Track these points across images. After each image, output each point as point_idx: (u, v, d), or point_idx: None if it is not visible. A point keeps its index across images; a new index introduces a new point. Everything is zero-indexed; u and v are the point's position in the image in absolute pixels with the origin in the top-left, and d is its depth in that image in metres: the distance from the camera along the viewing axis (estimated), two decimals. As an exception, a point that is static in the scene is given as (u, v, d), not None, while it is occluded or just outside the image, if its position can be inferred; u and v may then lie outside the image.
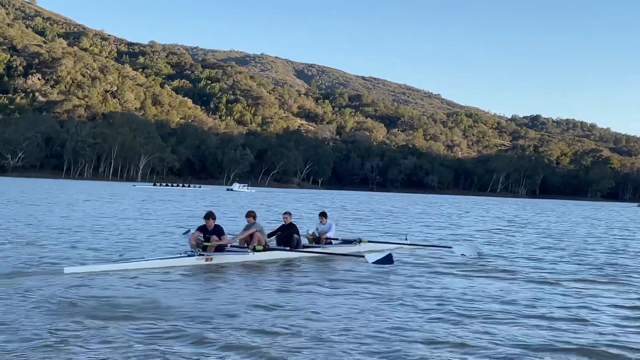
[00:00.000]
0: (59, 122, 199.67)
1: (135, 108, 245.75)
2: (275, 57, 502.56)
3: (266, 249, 16.52)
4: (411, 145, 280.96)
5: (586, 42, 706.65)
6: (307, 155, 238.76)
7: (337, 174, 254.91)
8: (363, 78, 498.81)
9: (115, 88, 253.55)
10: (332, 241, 19.09)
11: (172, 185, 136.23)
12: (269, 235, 17.72)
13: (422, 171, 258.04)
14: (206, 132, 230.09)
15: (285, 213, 18.41)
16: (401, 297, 11.88)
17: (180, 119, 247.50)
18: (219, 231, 15.99)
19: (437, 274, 15.23)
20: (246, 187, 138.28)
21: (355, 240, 19.54)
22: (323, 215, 19.46)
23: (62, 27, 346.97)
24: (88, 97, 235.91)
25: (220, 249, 15.94)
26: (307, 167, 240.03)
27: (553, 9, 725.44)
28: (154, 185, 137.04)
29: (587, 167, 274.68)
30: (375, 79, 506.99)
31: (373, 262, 15.65)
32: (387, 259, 15.66)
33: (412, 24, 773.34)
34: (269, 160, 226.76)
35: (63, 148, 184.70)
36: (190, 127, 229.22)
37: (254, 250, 16.19)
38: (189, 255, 15.21)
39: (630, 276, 16.35)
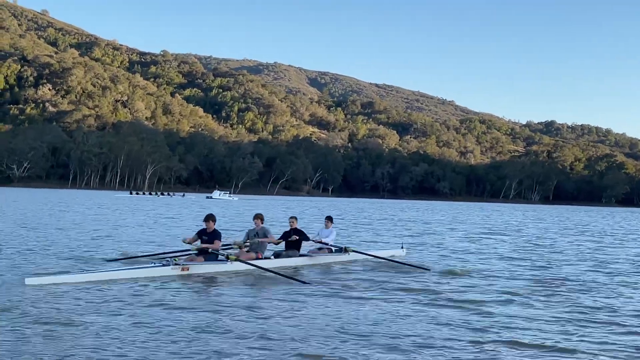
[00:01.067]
0: (67, 132, 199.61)
1: (146, 117, 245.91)
2: (289, 65, 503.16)
3: (241, 260, 15.51)
4: (422, 152, 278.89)
5: (603, 47, 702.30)
6: (317, 163, 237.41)
7: (347, 181, 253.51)
8: (376, 85, 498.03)
9: (125, 98, 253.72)
10: (326, 249, 18.66)
11: (150, 194, 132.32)
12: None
13: (433, 178, 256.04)
14: (214, 141, 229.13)
15: (291, 217, 18.28)
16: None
17: (189, 127, 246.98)
18: (216, 235, 15.53)
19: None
20: (227, 195, 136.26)
21: (342, 248, 18.92)
22: (329, 219, 19.32)
23: (74, 38, 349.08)
24: (98, 107, 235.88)
25: (206, 254, 15.36)
26: (318, 175, 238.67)
27: (568, 14, 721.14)
28: (131, 194, 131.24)
29: (602, 173, 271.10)
30: (388, 86, 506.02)
31: None
32: None
33: (425, 31, 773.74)
34: (277, 168, 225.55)
35: (69, 158, 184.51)
36: (198, 136, 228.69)
37: (232, 259, 15.31)
38: (163, 265, 14.48)
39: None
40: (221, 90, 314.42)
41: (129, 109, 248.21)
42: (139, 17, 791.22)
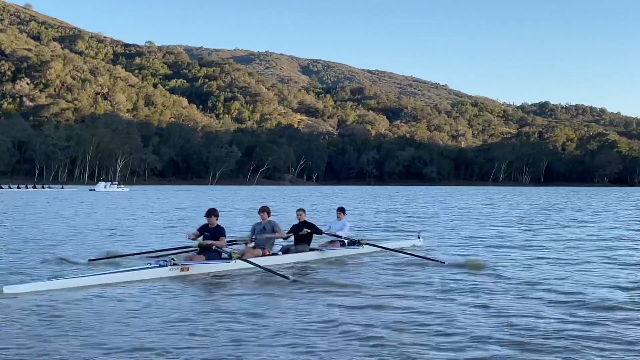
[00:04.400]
0: (38, 126, 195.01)
1: (127, 109, 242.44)
2: (280, 54, 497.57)
3: (245, 259, 14.27)
4: (409, 136, 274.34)
5: (596, 26, 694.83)
6: (300, 150, 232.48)
7: (333, 168, 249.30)
8: (369, 72, 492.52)
9: (106, 90, 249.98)
10: (339, 242, 17.50)
11: (19, 187, 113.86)
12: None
13: (420, 162, 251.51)
14: (191, 131, 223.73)
15: (299, 210, 17.06)
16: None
17: (170, 118, 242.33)
18: (219, 231, 14.47)
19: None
20: (116, 186, 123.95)
21: (355, 241, 17.55)
22: (341, 210, 18.05)
23: (58, 31, 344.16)
24: (77, 100, 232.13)
25: (208, 251, 14.26)
26: (301, 163, 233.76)
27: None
28: None
29: (593, 152, 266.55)
30: (381, 72, 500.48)
31: None
32: None
33: (417, 16, 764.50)
34: (257, 157, 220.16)
35: (35, 152, 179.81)
36: (175, 127, 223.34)
37: (236, 257, 14.11)
38: (160, 266, 13.22)
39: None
40: (207, 80, 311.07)
41: (110, 101, 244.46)
42: (127, 9, 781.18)
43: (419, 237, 20.08)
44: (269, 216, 15.78)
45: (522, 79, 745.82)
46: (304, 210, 16.92)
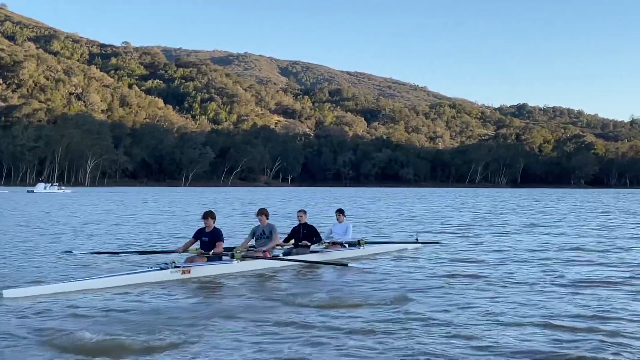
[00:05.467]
0: (8, 127, 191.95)
1: (102, 110, 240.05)
2: (260, 55, 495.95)
3: (253, 257, 14.51)
4: (385, 138, 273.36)
5: (575, 28, 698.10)
6: (275, 152, 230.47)
7: (309, 170, 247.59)
8: (348, 73, 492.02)
9: (80, 90, 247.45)
10: (340, 245, 16.92)
11: None
12: (286, 240, 16.15)
13: (397, 164, 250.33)
14: (164, 132, 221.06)
15: (300, 211, 16.65)
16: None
17: (145, 119, 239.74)
18: (217, 235, 14.05)
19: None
20: (57, 187, 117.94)
21: (355, 242, 17.33)
22: (340, 212, 17.52)
23: (33, 31, 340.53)
24: (50, 101, 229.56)
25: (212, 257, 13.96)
26: (277, 164, 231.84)
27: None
28: None
29: (570, 154, 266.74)
30: (360, 73, 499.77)
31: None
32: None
33: (397, 17, 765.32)
34: (231, 158, 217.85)
35: (2, 153, 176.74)
36: (148, 127, 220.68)
37: (238, 257, 13.96)
38: (161, 269, 12.97)
39: None
40: (184, 81, 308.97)
41: (84, 101, 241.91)
42: (105, 10, 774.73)
43: (416, 239, 20.16)
44: (267, 219, 15.29)
45: (501, 81, 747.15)
46: (305, 212, 16.51)
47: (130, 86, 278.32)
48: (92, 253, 16.51)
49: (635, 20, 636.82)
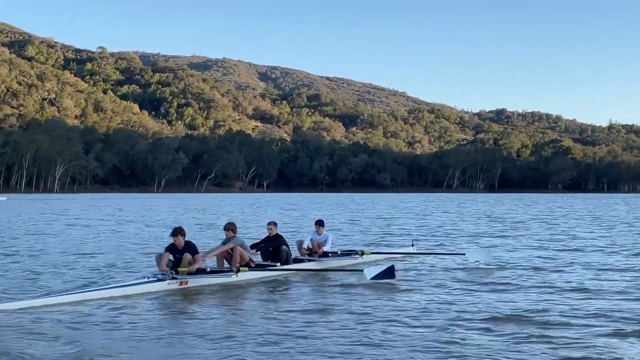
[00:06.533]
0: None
1: (75, 115, 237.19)
2: (238, 60, 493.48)
3: (251, 267, 14.34)
4: (362, 143, 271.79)
5: (553, 34, 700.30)
6: (251, 157, 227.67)
7: (285, 175, 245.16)
8: (327, 78, 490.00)
9: (53, 95, 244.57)
10: (330, 254, 16.86)
11: None
12: (251, 247, 15.50)
13: (374, 169, 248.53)
14: (137, 137, 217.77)
15: (269, 223, 16.10)
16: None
17: (119, 124, 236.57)
18: (192, 249, 13.51)
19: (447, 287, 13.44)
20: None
21: (356, 252, 17.40)
22: (319, 224, 17.23)
23: (7, 36, 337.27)
24: (23, 106, 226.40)
25: (197, 271, 13.51)
26: (252, 170, 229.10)
27: (519, 2, 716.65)
28: None
29: (548, 159, 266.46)
30: (339, 79, 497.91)
31: (371, 278, 13.66)
32: (388, 273, 13.64)
33: (377, 23, 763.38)
34: (205, 163, 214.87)
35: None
36: (120, 133, 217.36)
37: (238, 271, 13.74)
38: (158, 280, 12.69)
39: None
40: (160, 86, 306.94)
41: (57, 107, 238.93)
42: (79, 14, 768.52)
43: (412, 245, 19.99)
44: (234, 233, 14.79)
45: (480, 87, 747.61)
46: (275, 224, 16.02)
47: (105, 91, 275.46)
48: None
49: (613, 26, 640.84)
